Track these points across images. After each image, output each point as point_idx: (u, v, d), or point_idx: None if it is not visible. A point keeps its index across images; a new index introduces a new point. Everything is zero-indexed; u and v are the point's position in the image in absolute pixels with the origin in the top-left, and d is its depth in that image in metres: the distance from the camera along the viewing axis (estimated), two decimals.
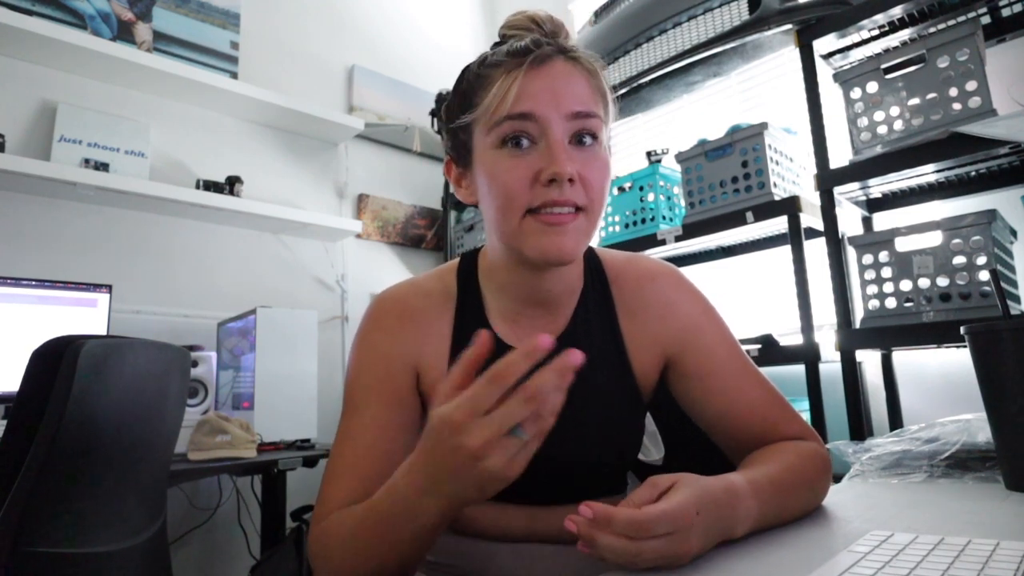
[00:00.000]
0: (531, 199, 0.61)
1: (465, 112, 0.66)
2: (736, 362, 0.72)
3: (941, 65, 1.28)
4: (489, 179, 0.63)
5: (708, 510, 0.50)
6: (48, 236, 1.82)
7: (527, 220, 0.62)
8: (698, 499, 0.49)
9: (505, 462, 0.45)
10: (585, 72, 0.65)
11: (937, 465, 0.83)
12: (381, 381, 0.68)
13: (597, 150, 0.64)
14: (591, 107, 0.63)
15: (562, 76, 0.63)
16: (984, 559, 0.44)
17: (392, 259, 2.63)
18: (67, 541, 0.91)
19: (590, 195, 0.62)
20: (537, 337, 0.44)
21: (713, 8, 1.63)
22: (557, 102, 0.61)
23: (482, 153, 0.65)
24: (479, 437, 0.44)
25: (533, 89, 0.61)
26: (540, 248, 0.61)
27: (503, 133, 0.62)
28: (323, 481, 0.65)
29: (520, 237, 0.62)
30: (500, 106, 0.61)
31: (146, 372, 1.07)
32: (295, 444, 1.78)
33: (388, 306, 0.72)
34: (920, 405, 1.60)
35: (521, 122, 0.61)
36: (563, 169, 0.59)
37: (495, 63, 0.64)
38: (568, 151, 0.61)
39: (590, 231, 0.64)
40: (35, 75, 1.85)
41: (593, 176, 0.63)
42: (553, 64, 0.63)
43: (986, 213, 1.21)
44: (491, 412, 0.45)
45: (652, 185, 1.90)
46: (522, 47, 0.63)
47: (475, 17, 3.15)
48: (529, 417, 0.44)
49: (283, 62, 2.42)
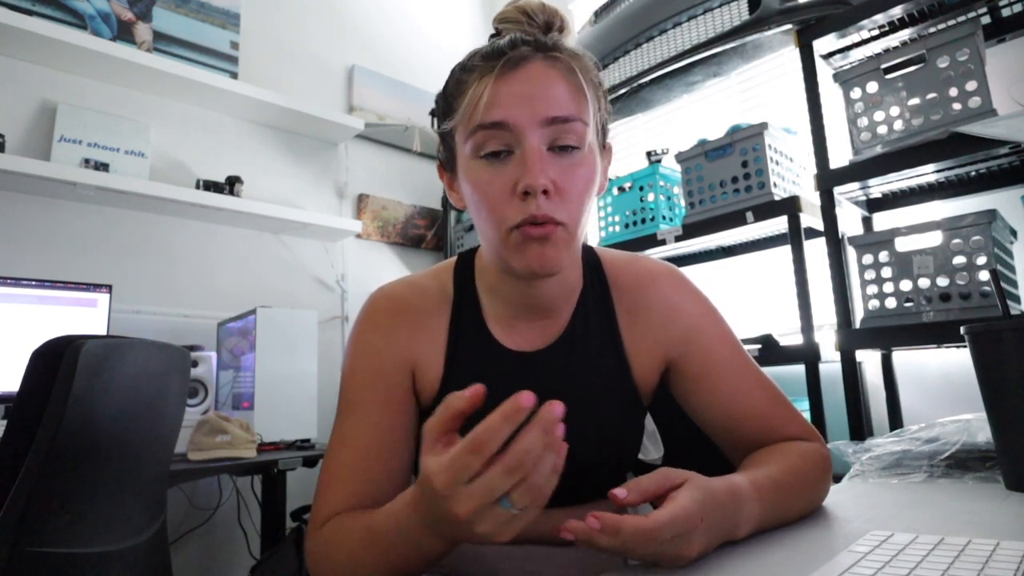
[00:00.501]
0: (512, 215, 0.59)
1: (447, 118, 0.64)
2: (738, 362, 0.71)
3: (941, 65, 1.28)
4: (471, 189, 0.62)
5: (712, 513, 0.50)
6: (48, 236, 1.82)
7: (513, 234, 0.60)
8: (703, 503, 0.49)
9: (494, 528, 0.43)
10: (565, 71, 0.61)
11: (937, 465, 0.83)
12: (376, 381, 0.67)
13: (579, 157, 0.61)
14: (570, 111, 0.60)
15: (538, 79, 0.59)
16: (984, 559, 0.44)
17: (392, 259, 2.63)
18: (67, 541, 0.91)
19: (568, 207, 0.60)
20: (518, 396, 0.41)
21: (713, 8, 1.63)
22: (532, 108, 0.58)
23: (463, 161, 0.63)
24: (464, 507, 0.42)
25: (505, 95, 0.58)
26: (524, 262, 0.60)
27: (478, 143, 0.60)
28: (319, 483, 0.64)
29: (506, 251, 0.61)
30: (473, 114, 0.59)
31: (146, 372, 1.07)
32: (295, 444, 1.78)
33: (384, 304, 0.71)
34: (920, 405, 1.60)
35: (494, 131, 0.59)
36: (536, 181, 0.57)
37: (471, 67, 0.62)
38: (546, 159, 0.59)
39: (573, 241, 0.62)
40: (35, 75, 1.85)
41: (573, 186, 0.60)
42: (528, 67, 0.60)
43: (986, 213, 1.21)
44: (475, 480, 0.42)
45: (652, 185, 1.90)
46: (498, 48, 0.60)
47: (475, 17, 3.15)
48: (519, 485, 0.42)
49: (283, 62, 2.42)
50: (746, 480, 0.56)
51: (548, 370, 0.70)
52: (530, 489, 0.42)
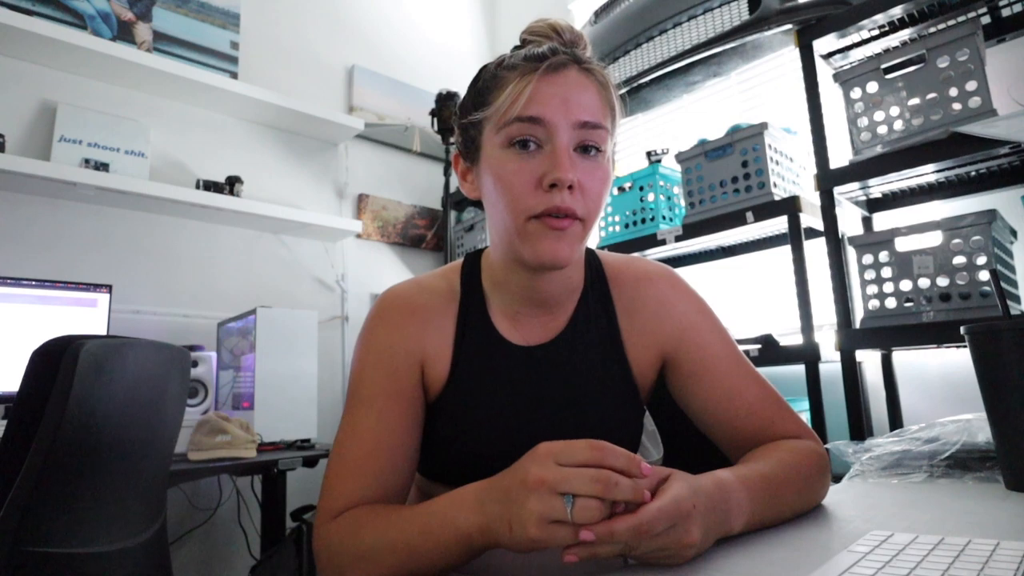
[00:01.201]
0: (534, 204, 0.63)
1: (478, 109, 0.68)
2: (732, 360, 0.73)
3: (941, 65, 1.28)
4: (495, 178, 0.65)
5: (703, 501, 0.51)
6: (48, 236, 1.82)
7: (532, 224, 0.63)
8: (692, 491, 0.50)
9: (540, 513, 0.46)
10: (597, 84, 0.66)
11: (937, 465, 0.83)
12: (387, 376, 0.68)
13: (600, 160, 0.66)
14: (599, 118, 0.65)
15: (574, 85, 0.64)
16: (984, 559, 0.44)
17: (392, 259, 2.63)
18: (67, 541, 0.91)
19: (588, 205, 0.64)
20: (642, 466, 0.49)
21: (713, 8, 1.63)
22: (567, 109, 0.63)
23: (490, 151, 0.66)
24: (539, 473, 0.47)
25: (545, 94, 0.63)
26: (537, 252, 0.63)
27: (511, 134, 0.64)
28: (329, 476, 0.64)
29: (521, 239, 0.64)
30: (511, 107, 0.63)
31: (146, 372, 1.07)
32: (295, 444, 1.78)
33: (393, 302, 0.73)
34: (920, 405, 1.60)
35: (530, 125, 0.63)
36: (565, 175, 0.61)
37: (512, 66, 0.66)
38: (572, 158, 0.63)
39: (585, 237, 0.67)
40: (35, 75, 1.85)
41: (593, 186, 0.64)
42: (567, 73, 0.65)
43: (986, 213, 1.21)
44: (566, 466, 0.47)
45: (652, 185, 1.90)
46: (539, 53, 0.65)
47: (475, 17, 3.15)
48: (586, 498, 0.46)
49: (283, 62, 2.42)
50: (730, 474, 0.58)
51: (550, 364, 0.72)
52: (591, 509, 0.46)
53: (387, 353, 0.69)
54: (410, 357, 0.70)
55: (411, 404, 0.69)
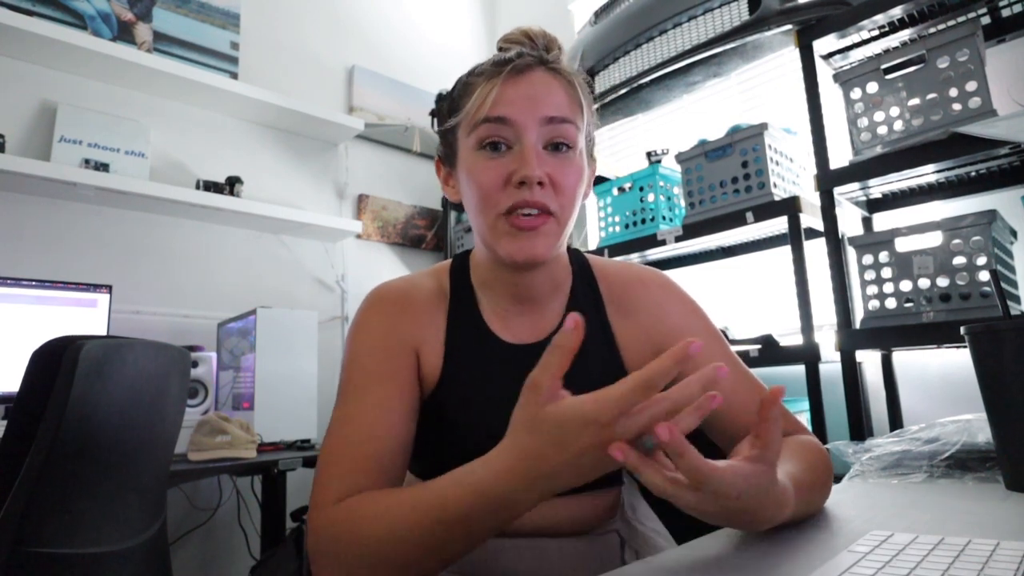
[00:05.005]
0: (504, 200, 0.64)
1: (452, 115, 0.71)
2: (726, 361, 0.72)
3: (941, 65, 1.28)
4: (468, 178, 0.68)
5: (776, 491, 0.49)
6: (48, 236, 1.82)
7: (500, 221, 0.65)
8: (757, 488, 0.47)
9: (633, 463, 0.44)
10: (564, 82, 0.68)
11: (937, 465, 0.83)
12: (383, 363, 0.67)
13: (571, 156, 0.67)
14: (566, 114, 0.66)
15: (540, 84, 0.66)
16: (984, 559, 0.44)
17: (392, 259, 2.63)
18: (67, 541, 0.91)
19: (560, 200, 0.66)
20: (688, 341, 0.45)
21: (713, 8, 1.63)
22: (533, 108, 0.65)
23: (464, 155, 0.69)
24: (620, 435, 0.44)
25: (510, 95, 0.65)
26: (510, 251, 0.65)
27: (481, 136, 0.66)
28: (322, 464, 0.61)
29: (493, 237, 0.66)
30: (479, 110, 0.66)
31: (146, 372, 1.07)
32: (295, 444, 1.78)
33: (387, 295, 0.73)
34: (920, 405, 1.60)
35: (497, 125, 0.65)
36: (532, 172, 0.63)
37: (481, 72, 0.69)
38: (541, 156, 0.65)
39: (561, 233, 0.68)
40: (35, 75, 1.85)
41: (565, 181, 0.66)
42: (532, 74, 0.67)
43: (986, 213, 1.21)
44: (631, 414, 0.44)
45: (652, 185, 1.90)
46: (506, 58, 0.67)
47: (475, 17, 3.15)
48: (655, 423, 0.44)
49: (283, 62, 2.42)
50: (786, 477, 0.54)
51: None
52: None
53: (382, 340, 0.68)
54: (405, 344, 0.69)
55: (409, 389, 0.67)
